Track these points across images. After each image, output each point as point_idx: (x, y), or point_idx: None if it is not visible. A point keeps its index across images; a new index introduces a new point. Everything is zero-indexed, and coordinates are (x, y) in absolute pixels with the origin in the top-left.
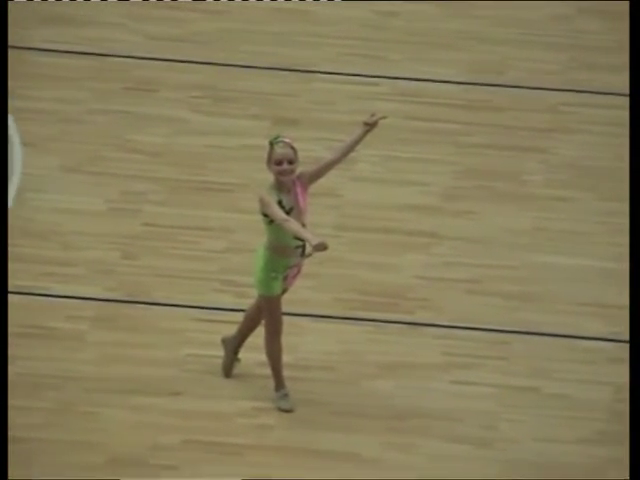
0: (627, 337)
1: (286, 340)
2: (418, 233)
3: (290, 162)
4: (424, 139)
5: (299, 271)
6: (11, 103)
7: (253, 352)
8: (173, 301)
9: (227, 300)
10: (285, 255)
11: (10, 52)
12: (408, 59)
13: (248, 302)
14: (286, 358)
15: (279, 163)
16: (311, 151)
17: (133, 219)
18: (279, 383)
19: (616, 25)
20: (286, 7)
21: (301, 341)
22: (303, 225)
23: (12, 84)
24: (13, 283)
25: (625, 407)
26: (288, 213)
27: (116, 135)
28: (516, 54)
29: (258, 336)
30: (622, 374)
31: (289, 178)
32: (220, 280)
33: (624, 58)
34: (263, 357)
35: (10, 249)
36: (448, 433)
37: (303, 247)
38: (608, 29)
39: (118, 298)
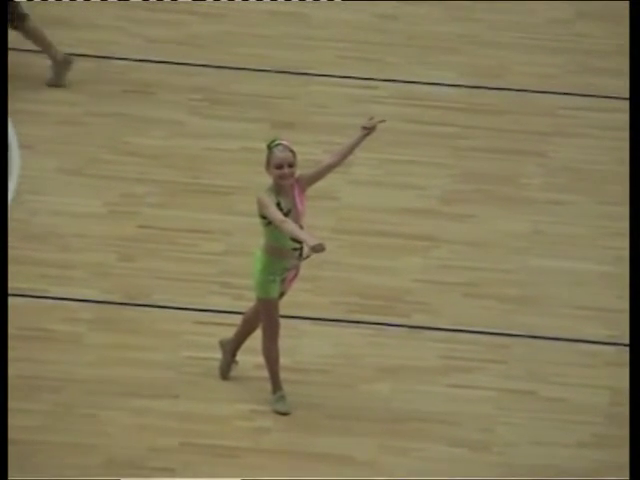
0: (626, 340)
1: (284, 343)
2: (416, 236)
3: (290, 165)
4: (422, 142)
5: (297, 274)
6: (9, 105)
7: (250, 355)
8: (171, 303)
9: (225, 302)
10: (283, 257)
11: (8, 54)
12: (407, 62)
13: (246, 305)
14: (283, 361)
15: (279, 167)
16: (309, 154)
17: (131, 221)
18: (276, 386)
19: (616, 29)
20: (284, 10)
21: (299, 344)
22: (301, 228)
23: (10, 86)
24: (11, 285)
25: (624, 410)
26: (286, 215)
27: (114, 138)
28: (515, 58)
29: (255, 338)
30: (620, 378)
31: (289, 182)
32: (218, 282)
33: (623, 62)
34: (260, 360)
35: (8, 251)
36: (445, 436)
37: (301, 249)
38: (608, 33)
39: (116, 300)
